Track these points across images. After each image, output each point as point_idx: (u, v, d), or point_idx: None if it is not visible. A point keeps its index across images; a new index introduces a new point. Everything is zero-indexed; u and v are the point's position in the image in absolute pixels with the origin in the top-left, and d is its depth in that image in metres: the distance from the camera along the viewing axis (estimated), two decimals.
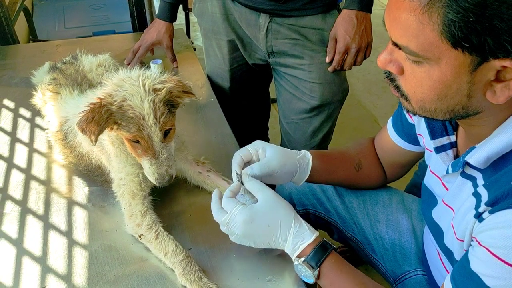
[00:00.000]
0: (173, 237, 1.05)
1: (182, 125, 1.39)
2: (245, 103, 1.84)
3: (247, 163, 1.05)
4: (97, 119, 1.00)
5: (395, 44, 0.77)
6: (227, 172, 1.18)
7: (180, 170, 1.23)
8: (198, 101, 1.59)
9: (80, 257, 1.05)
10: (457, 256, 0.90)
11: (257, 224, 0.94)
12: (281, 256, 1.04)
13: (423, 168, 1.50)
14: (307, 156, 1.11)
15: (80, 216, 1.15)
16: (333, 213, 1.26)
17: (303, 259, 0.92)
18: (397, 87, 0.83)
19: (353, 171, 1.20)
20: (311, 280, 0.94)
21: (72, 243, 1.08)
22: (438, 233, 0.99)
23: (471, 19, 0.65)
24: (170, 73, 1.13)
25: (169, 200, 1.20)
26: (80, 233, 1.11)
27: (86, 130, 1.01)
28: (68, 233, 1.10)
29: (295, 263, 0.94)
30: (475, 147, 0.81)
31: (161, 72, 1.11)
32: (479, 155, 0.79)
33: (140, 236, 1.07)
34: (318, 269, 0.92)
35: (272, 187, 1.02)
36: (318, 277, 0.93)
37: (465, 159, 0.83)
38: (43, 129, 1.43)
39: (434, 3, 0.68)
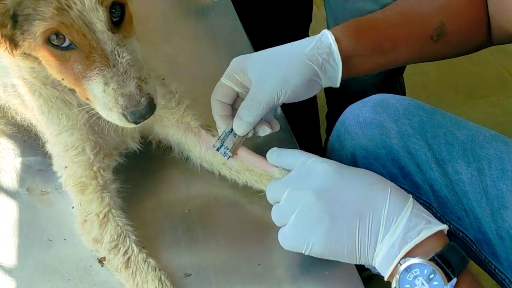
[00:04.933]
0: (155, 263, 0.62)
1: (173, 44, 0.94)
2: (273, 3, 1.33)
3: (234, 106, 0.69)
4: None
5: None
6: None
7: (179, 144, 0.75)
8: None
9: None
10: None
11: (348, 180, 0.60)
12: None
13: None
14: (325, 40, 0.68)
15: (5, 212, 0.71)
16: (426, 191, 0.76)
17: (426, 256, 0.55)
18: None
19: (428, 43, 0.76)
20: None
21: None
22: None
23: None
24: None
25: (155, 187, 0.74)
26: (4, 246, 0.67)
27: None
28: None
29: (411, 262, 0.55)
30: None
31: None
32: None
33: (101, 261, 0.62)
34: (456, 279, 0.54)
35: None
36: None
37: None
38: None
39: None
